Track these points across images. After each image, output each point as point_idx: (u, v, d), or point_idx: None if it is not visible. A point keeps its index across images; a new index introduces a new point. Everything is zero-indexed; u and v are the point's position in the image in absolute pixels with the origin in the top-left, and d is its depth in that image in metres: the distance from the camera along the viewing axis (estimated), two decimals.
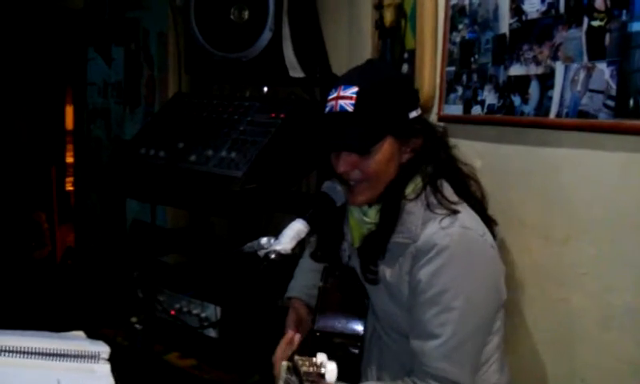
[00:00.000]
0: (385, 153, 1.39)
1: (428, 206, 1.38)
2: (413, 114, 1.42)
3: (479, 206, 1.45)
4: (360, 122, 1.36)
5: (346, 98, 1.38)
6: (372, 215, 1.46)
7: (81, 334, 1.56)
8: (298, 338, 1.61)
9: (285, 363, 1.06)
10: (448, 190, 1.42)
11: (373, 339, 1.53)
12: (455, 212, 1.37)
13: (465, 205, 1.41)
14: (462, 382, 1.32)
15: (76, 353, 1.41)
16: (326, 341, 1.49)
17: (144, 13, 3.23)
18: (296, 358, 1.02)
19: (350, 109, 1.37)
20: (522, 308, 1.58)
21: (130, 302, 2.12)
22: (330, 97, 1.42)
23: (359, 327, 1.51)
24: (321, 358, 1.00)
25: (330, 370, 0.98)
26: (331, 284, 1.59)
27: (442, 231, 1.33)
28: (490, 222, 1.45)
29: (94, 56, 3.83)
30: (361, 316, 1.53)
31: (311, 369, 0.98)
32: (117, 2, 3.49)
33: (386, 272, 1.44)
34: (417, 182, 1.42)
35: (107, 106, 3.79)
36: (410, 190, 1.41)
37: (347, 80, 1.41)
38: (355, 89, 1.37)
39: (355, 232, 1.53)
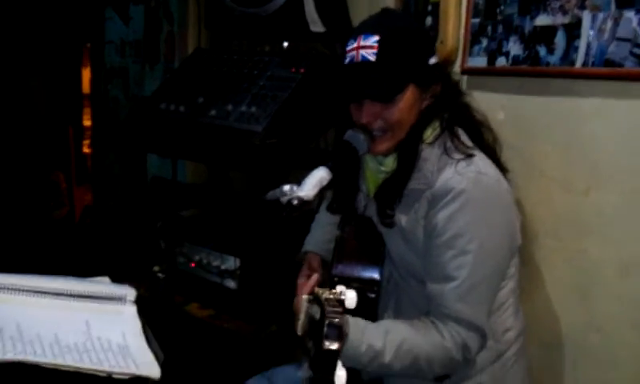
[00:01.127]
0: (407, 101, 1.40)
1: (445, 151, 1.40)
2: (432, 61, 1.43)
3: (492, 152, 1.46)
4: (383, 71, 1.36)
5: (367, 47, 1.37)
6: (389, 163, 1.47)
7: (106, 279, 1.59)
8: (315, 278, 1.62)
9: (306, 296, 1.08)
10: (464, 136, 1.43)
11: (390, 284, 1.55)
12: (471, 156, 1.38)
13: (479, 151, 1.42)
14: (477, 322, 1.35)
15: (103, 295, 1.44)
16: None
17: None
18: (316, 289, 1.05)
19: (373, 58, 1.36)
20: (540, 258, 1.60)
21: (153, 254, 2.15)
22: (350, 47, 1.41)
23: (376, 273, 1.53)
24: (340, 288, 1.03)
25: (350, 297, 1.01)
26: (348, 233, 1.60)
27: (457, 176, 1.35)
28: (502, 170, 1.45)
29: (112, 15, 3.82)
30: (378, 263, 1.55)
31: (331, 296, 1.00)
32: None
33: (402, 218, 1.45)
34: (435, 127, 1.43)
35: (125, 65, 3.78)
36: (428, 133, 1.43)
37: (366, 29, 1.40)
38: (376, 37, 1.37)
39: (371, 182, 1.54)
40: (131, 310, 1.44)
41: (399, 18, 1.54)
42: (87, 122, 4.59)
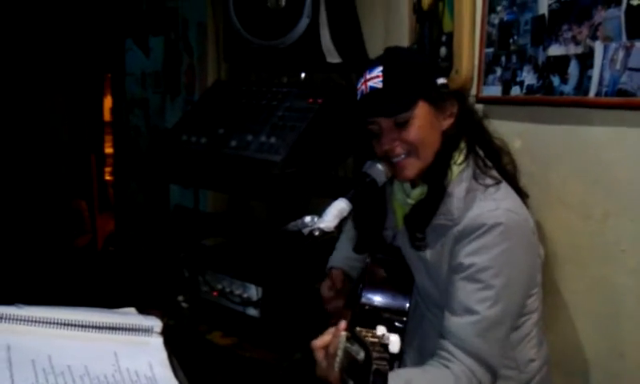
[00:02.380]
0: (422, 119, 1.42)
1: (474, 177, 1.42)
2: (441, 81, 1.47)
3: (512, 178, 1.48)
4: (391, 92, 1.42)
5: (373, 78, 1.43)
6: (416, 195, 1.49)
7: (132, 310, 1.62)
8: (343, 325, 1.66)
9: (344, 333, 1.09)
10: (487, 160, 1.45)
11: (416, 314, 1.57)
12: (499, 181, 1.40)
13: (502, 179, 1.44)
14: (492, 361, 1.34)
15: (130, 326, 1.47)
16: (374, 315, 1.53)
17: (182, 2, 3.29)
18: (358, 329, 1.06)
19: (380, 85, 1.42)
20: (561, 286, 1.61)
21: (176, 283, 2.19)
22: (359, 85, 1.48)
23: (405, 303, 1.55)
24: (382, 330, 1.04)
25: (394, 341, 1.01)
26: (378, 260, 1.63)
27: (487, 213, 1.36)
28: (522, 195, 1.47)
29: (132, 47, 3.91)
30: (406, 293, 1.57)
31: (375, 340, 1.01)
32: None
33: (427, 252, 1.47)
34: (461, 148, 1.45)
35: (145, 95, 3.86)
36: (456, 157, 1.44)
37: (370, 65, 1.47)
38: (380, 68, 1.43)
39: (399, 214, 1.57)
40: (158, 341, 1.46)
41: (401, 50, 1.61)
42: (109, 150, 4.66)
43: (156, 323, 1.51)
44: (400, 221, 1.56)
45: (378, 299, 1.55)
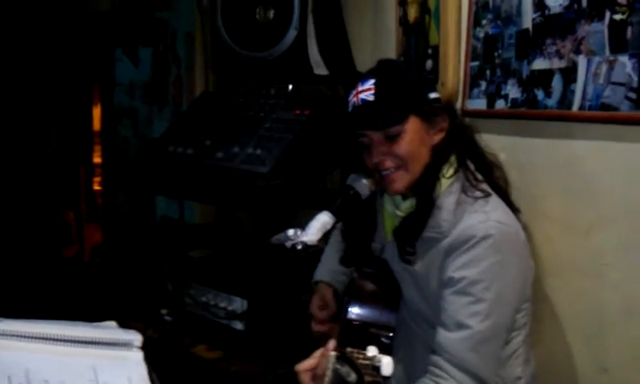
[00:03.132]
0: (412, 133, 1.41)
1: (463, 191, 1.41)
2: (433, 95, 1.47)
3: (503, 192, 1.47)
4: (383, 106, 1.41)
5: (365, 90, 1.43)
6: (406, 208, 1.48)
7: (113, 323, 1.60)
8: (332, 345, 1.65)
9: (333, 353, 1.07)
10: (477, 174, 1.45)
11: (403, 329, 1.55)
12: (489, 194, 1.40)
13: (493, 193, 1.43)
14: (485, 377, 1.32)
15: (110, 341, 1.45)
16: (361, 331, 1.51)
17: (171, 14, 3.29)
18: (348, 350, 1.04)
19: (372, 98, 1.42)
20: (544, 299, 1.60)
21: (160, 295, 2.17)
22: (350, 97, 1.47)
23: (392, 318, 1.53)
24: (373, 351, 1.02)
25: (386, 363, 1.00)
26: (364, 274, 1.62)
27: (478, 224, 1.35)
28: (513, 209, 1.47)
29: (121, 57, 3.90)
30: (393, 307, 1.55)
31: (367, 362, 1.00)
32: (144, 4, 3.55)
33: (416, 265, 1.46)
34: (452, 161, 1.45)
35: (134, 106, 3.84)
36: (445, 170, 1.44)
37: (363, 77, 1.47)
38: (372, 80, 1.43)
39: (388, 225, 1.55)
40: (137, 356, 1.44)
41: (394, 62, 1.64)
42: (97, 159, 4.64)
43: (136, 337, 1.48)
44: (389, 233, 1.55)
45: (364, 314, 1.53)
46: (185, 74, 3.16)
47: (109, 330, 1.52)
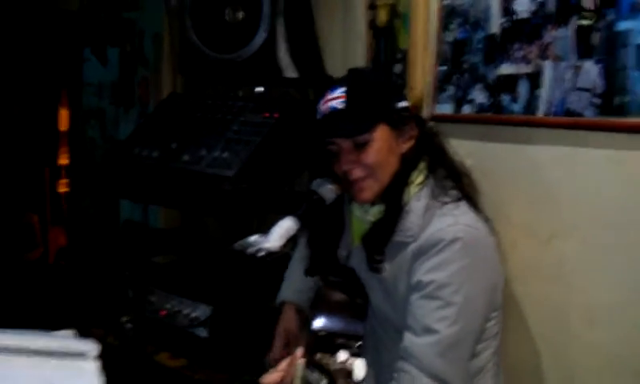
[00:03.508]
0: (381, 141, 1.40)
1: (432, 196, 1.40)
2: (402, 104, 1.46)
3: (472, 200, 1.46)
4: (352, 114, 1.40)
5: (334, 98, 1.42)
6: (375, 213, 1.46)
7: (70, 333, 1.56)
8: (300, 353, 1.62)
9: (302, 361, 1.04)
10: (447, 181, 1.44)
11: (371, 337, 1.53)
12: (459, 199, 1.39)
13: (462, 197, 1.42)
14: (454, 383, 1.30)
15: (65, 351, 1.41)
16: (328, 341, 1.48)
17: (139, 14, 3.24)
18: (318, 356, 1.01)
19: (341, 106, 1.41)
20: (510, 306, 1.58)
21: (121, 302, 2.12)
22: (320, 104, 1.46)
23: (359, 327, 1.51)
24: (344, 355, 0.99)
25: (358, 366, 0.97)
26: (331, 284, 1.58)
27: (447, 228, 1.34)
28: (483, 218, 1.45)
29: (90, 57, 3.84)
30: (361, 316, 1.53)
31: (338, 366, 0.97)
32: (113, 3, 3.50)
33: (384, 270, 1.43)
34: (421, 168, 1.44)
35: (102, 106, 3.79)
36: (414, 177, 1.43)
37: (333, 84, 1.46)
38: (343, 88, 1.42)
39: (356, 230, 1.53)
40: (93, 367, 1.40)
41: (364, 71, 1.64)
42: (64, 161, 4.55)
43: (92, 347, 1.45)
44: (356, 238, 1.53)
45: (331, 325, 1.50)
46: (152, 75, 3.11)
47: (65, 339, 1.48)
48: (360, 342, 1.48)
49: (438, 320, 1.29)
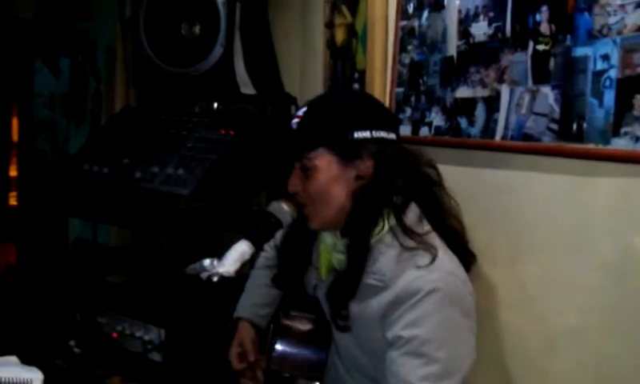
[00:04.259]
0: (324, 171, 1.34)
1: (402, 246, 1.30)
2: (360, 134, 1.33)
3: (457, 240, 1.38)
4: (300, 135, 1.37)
5: (296, 117, 1.40)
6: (341, 246, 1.39)
7: (14, 359, 1.49)
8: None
9: None
10: (416, 223, 1.34)
11: (333, 376, 1.48)
12: (432, 247, 1.29)
13: (435, 235, 1.34)
14: None
15: (8, 380, 1.37)
16: (286, 380, 1.45)
17: (92, 24, 3.16)
18: None
19: (295, 127, 1.38)
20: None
21: (69, 325, 2.04)
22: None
23: (321, 364, 1.47)
24: None
25: None
26: (292, 317, 1.54)
27: (425, 275, 1.25)
28: (467, 256, 1.39)
29: (41, 67, 3.73)
30: (323, 352, 1.48)
31: None
32: (67, 13, 3.41)
33: (353, 309, 1.36)
34: (385, 214, 1.33)
35: (54, 118, 3.69)
36: (379, 229, 1.33)
37: (303, 104, 1.42)
38: (305, 108, 1.39)
39: (324, 259, 1.46)
40: None
41: (330, 94, 1.58)
42: (14, 173, 4.42)
43: (36, 376, 1.40)
44: (324, 269, 1.46)
45: (291, 360, 1.46)
46: (104, 88, 3.03)
47: (8, 367, 1.43)
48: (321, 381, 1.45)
49: (422, 378, 1.21)
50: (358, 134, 1.34)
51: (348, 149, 1.34)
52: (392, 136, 1.38)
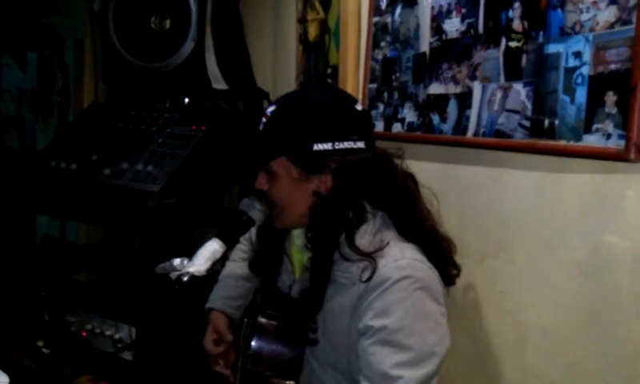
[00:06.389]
0: (284, 179, 1.32)
1: (377, 232, 1.29)
2: (321, 146, 1.29)
3: (433, 249, 1.33)
4: (263, 138, 1.35)
5: (265, 115, 1.36)
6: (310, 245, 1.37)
7: None
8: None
9: None
10: (371, 238, 1.30)
11: (307, 374, 1.46)
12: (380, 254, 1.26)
13: (405, 245, 1.30)
14: None
15: None
16: (262, 379, 1.43)
17: (60, 18, 3.09)
18: None
19: (262, 127, 1.35)
20: None
21: (38, 324, 1.99)
22: None
23: (298, 361, 1.45)
24: None
25: None
26: (269, 316, 1.52)
27: (393, 263, 1.24)
28: (448, 269, 1.35)
29: (8, 62, 3.65)
30: (299, 349, 1.47)
31: None
32: (34, 7, 3.34)
33: (324, 306, 1.34)
34: (367, 211, 1.31)
35: (21, 114, 3.61)
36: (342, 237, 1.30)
37: (273, 101, 1.40)
38: (273, 108, 1.36)
39: (296, 260, 1.44)
40: None
41: (306, 95, 1.47)
42: None
43: (2, 380, 1.38)
44: (297, 269, 1.44)
45: (267, 358, 1.44)
46: (72, 84, 2.97)
47: None
48: (297, 377, 1.44)
49: (394, 366, 1.20)
50: (318, 146, 1.30)
51: (308, 161, 1.31)
52: (359, 145, 1.32)
